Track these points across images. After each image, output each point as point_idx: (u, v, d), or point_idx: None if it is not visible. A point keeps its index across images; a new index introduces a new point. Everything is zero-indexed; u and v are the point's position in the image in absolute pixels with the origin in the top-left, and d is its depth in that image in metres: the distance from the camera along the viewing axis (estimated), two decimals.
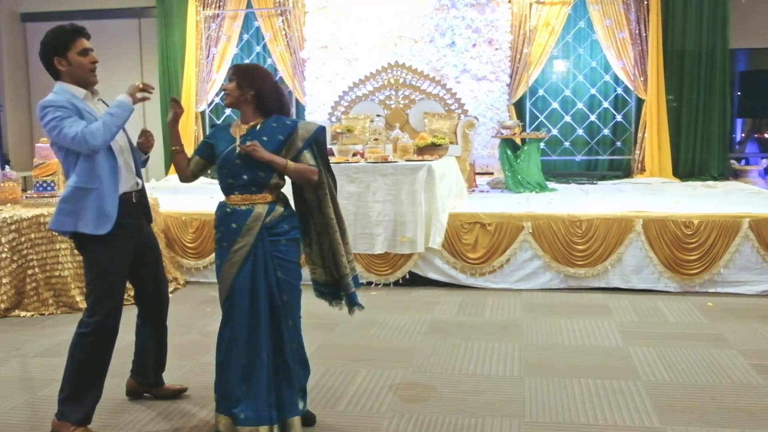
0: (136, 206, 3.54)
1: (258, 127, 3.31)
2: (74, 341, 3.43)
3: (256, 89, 3.30)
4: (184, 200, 7.60)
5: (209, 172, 3.59)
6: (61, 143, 3.25)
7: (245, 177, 3.26)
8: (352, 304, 3.48)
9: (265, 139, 3.27)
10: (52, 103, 3.26)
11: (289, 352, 3.29)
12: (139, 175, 3.57)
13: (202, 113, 10.96)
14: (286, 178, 3.33)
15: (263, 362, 3.22)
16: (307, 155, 3.30)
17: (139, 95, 3.38)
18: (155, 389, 3.89)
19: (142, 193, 3.60)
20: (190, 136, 10.78)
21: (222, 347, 3.31)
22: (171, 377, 4.15)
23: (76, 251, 5.70)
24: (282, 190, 3.38)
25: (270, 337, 3.26)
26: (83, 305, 5.67)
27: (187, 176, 3.51)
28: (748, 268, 5.99)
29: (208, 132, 3.47)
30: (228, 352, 3.29)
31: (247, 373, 3.24)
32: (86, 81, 3.43)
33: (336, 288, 3.52)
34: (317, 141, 3.34)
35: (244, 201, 3.27)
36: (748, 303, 5.75)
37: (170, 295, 6.09)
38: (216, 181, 3.45)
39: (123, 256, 3.48)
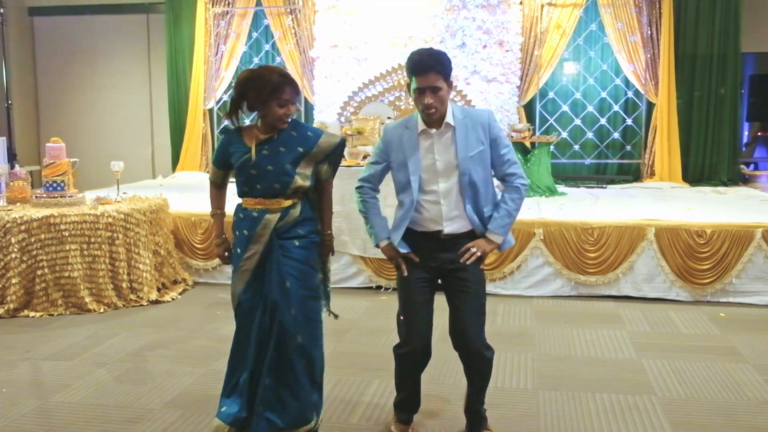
0: None
1: (276, 136, 3.23)
2: None
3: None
4: (193, 200, 7.57)
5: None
6: None
7: (259, 187, 3.22)
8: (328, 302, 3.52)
9: (282, 149, 3.21)
10: None
11: (298, 370, 3.22)
12: None
13: (210, 111, 10.91)
14: (308, 183, 3.27)
15: (262, 380, 3.22)
16: (325, 167, 3.33)
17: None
18: None
19: None
20: (198, 134, 10.75)
21: (231, 351, 3.35)
22: (180, 385, 4.14)
23: (86, 252, 5.71)
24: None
25: (274, 353, 3.20)
26: (92, 306, 5.70)
27: (220, 194, 3.53)
28: (760, 278, 5.95)
29: (218, 138, 3.35)
30: (232, 358, 3.34)
31: (242, 379, 3.27)
32: None
33: None
34: (336, 153, 3.35)
35: (257, 205, 3.23)
36: (760, 314, 5.71)
37: (179, 297, 6.15)
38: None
39: None
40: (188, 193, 8.29)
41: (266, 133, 3.24)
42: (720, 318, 5.58)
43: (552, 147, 9.23)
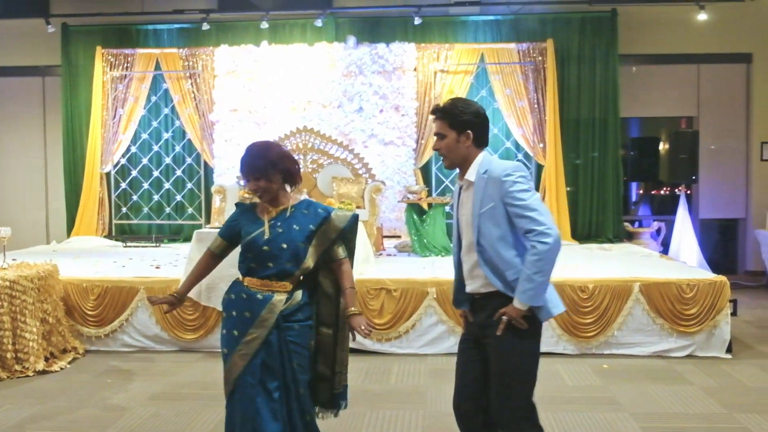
0: None
1: (288, 213, 3.24)
2: None
3: (284, 171, 3.25)
4: (86, 265, 7.43)
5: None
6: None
7: (271, 265, 3.17)
8: (340, 401, 3.39)
9: (296, 227, 3.21)
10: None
11: None
12: None
13: (108, 174, 10.76)
14: (312, 264, 3.25)
15: None
16: (339, 248, 3.30)
17: None
18: None
19: None
20: (95, 198, 10.57)
21: None
22: None
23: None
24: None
25: None
26: None
27: (210, 265, 3.42)
28: (640, 330, 6.28)
29: (228, 215, 3.22)
30: None
31: None
32: None
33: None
34: (351, 229, 3.33)
35: (263, 287, 3.18)
36: (641, 364, 6.01)
37: (68, 366, 5.98)
38: (118, 245, 3.40)
39: None
40: (82, 258, 8.13)
41: (277, 207, 3.27)
42: (603, 369, 5.84)
43: (447, 208, 9.51)
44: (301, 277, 3.26)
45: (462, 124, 3.07)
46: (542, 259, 2.93)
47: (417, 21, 10.04)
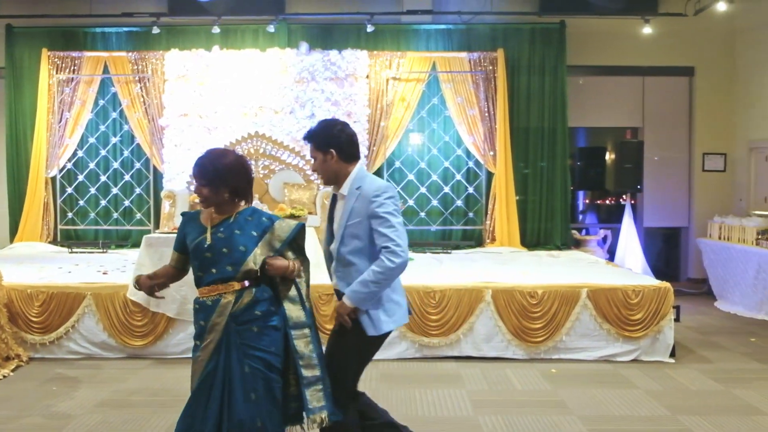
0: None
1: (231, 219, 3.25)
2: None
3: (231, 187, 3.24)
4: (30, 271, 7.27)
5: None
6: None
7: (214, 270, 3.19)
8: (333, 407, 3.29)
9: (238, 232, 3.21)
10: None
11: None
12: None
13: (53, 179, 10.54)
14: (256, 266, 3.24)
15: None
16: (288, 253, 3.31)
17: None
18: None
19: None
20: (39, 203, 10.32)
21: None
22: None
23: None
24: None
25: None
26: None
27: (174, 275, 3.46)
28: (587, 335, 6.40)
29: (177, 220, 3.28)
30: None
31: None
32: None
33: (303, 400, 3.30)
34: (296, 239, 3.33)
35: (211, 292, 3.20)
36: (588, 368, 6.13)
37: (11, 374, 5.84)
38: (64, 250, 3.37)
39: None
40: (26, 264, 7.94)
41: (223, 215, 3.28)
42: (552, 374, 5.94)
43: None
44: (251, 278, 3.24)
45: (325, 145, 3.40)
46: (383, 274, 3.25)
47: (369, 28, 10.08)
